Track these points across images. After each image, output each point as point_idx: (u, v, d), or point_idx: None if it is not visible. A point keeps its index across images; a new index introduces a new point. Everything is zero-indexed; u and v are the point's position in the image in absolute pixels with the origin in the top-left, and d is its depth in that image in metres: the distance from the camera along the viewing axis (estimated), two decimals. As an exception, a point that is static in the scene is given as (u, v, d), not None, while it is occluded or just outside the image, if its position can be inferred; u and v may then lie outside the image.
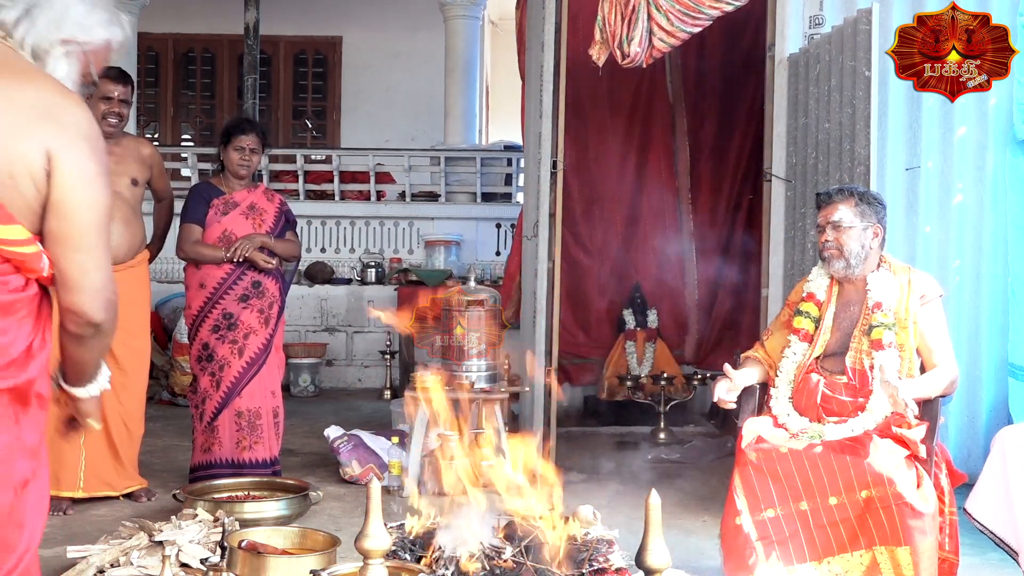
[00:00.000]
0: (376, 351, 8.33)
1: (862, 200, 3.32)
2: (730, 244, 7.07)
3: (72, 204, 1.73)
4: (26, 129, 1.70)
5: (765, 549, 3.01)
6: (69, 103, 1.76)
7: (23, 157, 1.69)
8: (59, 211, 1.73)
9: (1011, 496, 3.00)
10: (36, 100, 1.73)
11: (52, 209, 1.73)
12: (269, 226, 4.72)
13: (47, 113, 1.72)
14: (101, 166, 1.77)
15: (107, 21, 1.89)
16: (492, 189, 9.31)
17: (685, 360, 7.07)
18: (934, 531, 2.99)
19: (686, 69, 6.98)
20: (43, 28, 1.80)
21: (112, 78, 4.46)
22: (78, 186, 1.74)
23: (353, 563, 2.50)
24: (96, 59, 1.90)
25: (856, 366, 3.25)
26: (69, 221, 1.74)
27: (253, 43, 8.09)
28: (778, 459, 3.07)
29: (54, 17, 1.81)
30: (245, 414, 4.59)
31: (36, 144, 1.70)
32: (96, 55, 1.90)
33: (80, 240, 1.75)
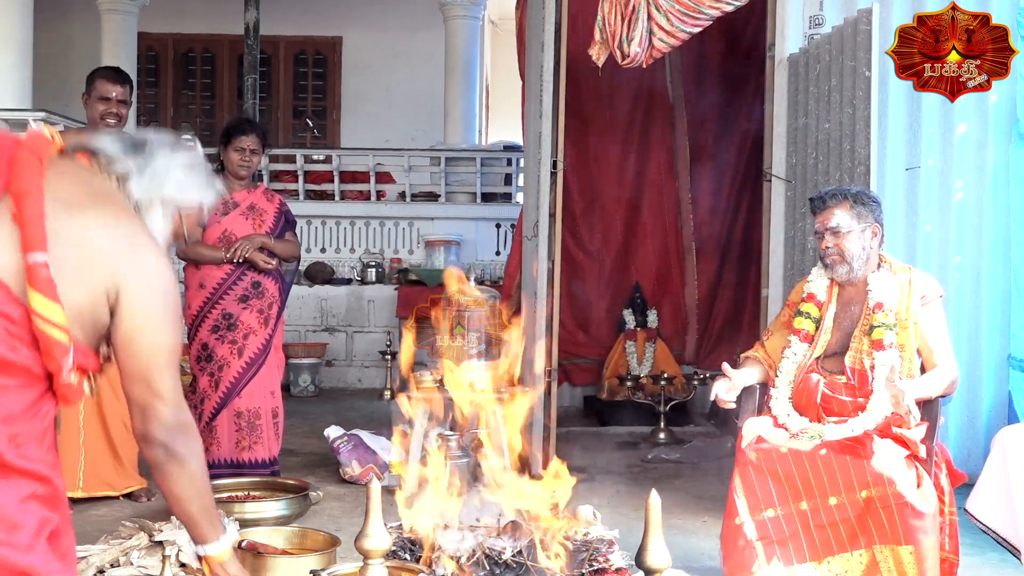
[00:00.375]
0: (376, 351, 8.32)
1: (857, 201, 3.30)
2: (730, 244, 7.07)
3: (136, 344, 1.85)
4: (98, 264, 1.80)
5: (765, 549, 3.01)
6: (148, 250, 1.87)
7: (89, 289, 1.80)
8: (126, 348, 1.85)
9: (1012, 495, 3.00)
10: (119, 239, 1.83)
11: (120, 345, 1.86)
12: (269, 226, 4.72)
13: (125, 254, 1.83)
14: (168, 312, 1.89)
15: (203, 185, 2.04)
16: (492, 189, 9.31)
17: (685, 360, 7.07)
18: (935, 531, 2.98)
19: (686, 69, 6.98)
20: (148, 185, 1.95)
21: (110, 78, 4.46)
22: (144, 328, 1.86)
23: (353, 563, 2.50)
24: (188, 219, 2.06)
25: (856, 366, 3.25)
26: (135, 358, 1.86)
27: (253, 43, 8.10)
28: (778, 459, 3.07)
29: (158, 177, 1.96)
30: (245, 414, 4.59)
31: (104, 281, 1.81)
32: (188, 216, 2.06)
33: (144, 373, 1.87)
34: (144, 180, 1.95)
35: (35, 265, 1.72)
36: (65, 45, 10.88)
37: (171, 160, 1.99)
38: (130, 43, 9.90)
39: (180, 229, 2.05)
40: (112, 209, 1.87)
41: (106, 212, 1.85)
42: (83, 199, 1.83)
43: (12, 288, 1.73)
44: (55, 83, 10.11)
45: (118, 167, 1.95)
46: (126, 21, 9.90)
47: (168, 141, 2.03)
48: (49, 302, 1.73)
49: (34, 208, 1.75)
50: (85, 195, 1.85)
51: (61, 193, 1.80)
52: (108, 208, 1.86)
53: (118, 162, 1.95)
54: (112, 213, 1.86)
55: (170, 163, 1.99)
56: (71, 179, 1.86)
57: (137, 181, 1.95)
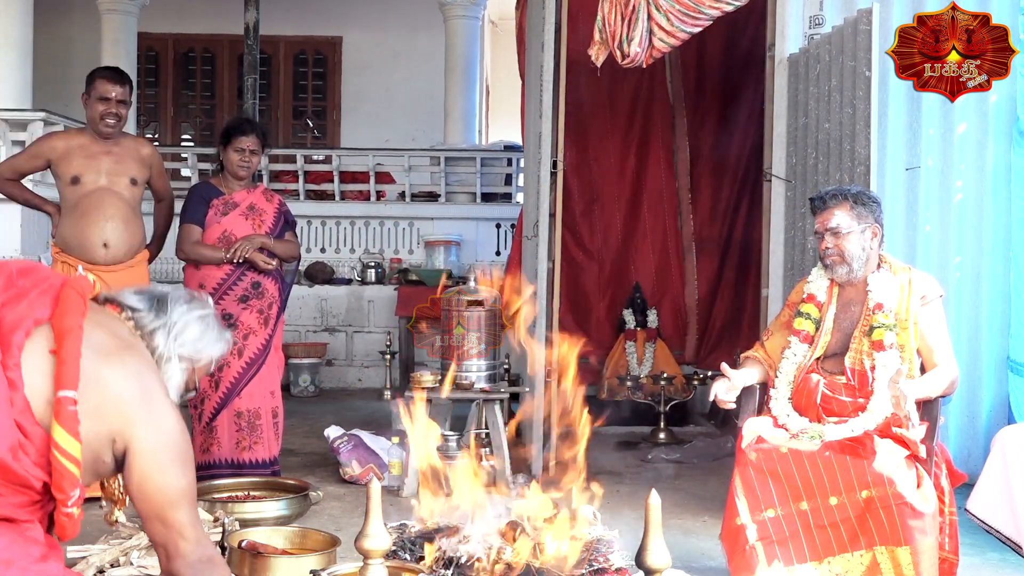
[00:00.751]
0: (376, 351, 8.33)
1: (857, 202, 3.30)
2: (730, 244, 7.07)
3: (149, 488, 2.00)
4: (111, 411, 1.96)
5: (766, 550, 3.01)
6: (160, 402, 2.02)
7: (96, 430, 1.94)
8: (140, 492, 2.00)
9: (1012, 493, 3.01)
10: (135, 389, 1.99)
11: (134, 490, 2.00)
12: (268, 227, 4.72)
13: (137, 404, 1.98)
14: (178, 457, 2.02)
15: (216, 340, 2.23)
16: (492, 189, 9.31)
17: (685, 360, 7.07)
18: (934, 531, 2.98)
19: (686, 69, 6.98)
20: (169, 341, 2.14)
21: (110, 78, 4.46)
22: (155, 473, 1.99)
23: (353, 563, 2.50)
24: (199, 371, 2.23)
25: (856, 367, 3.25)
26: (149, 501, 2.00)
27: (253, 43, 8.09)
28: (778, 459, 3.07)
29: (177, 334, 2.15)
30: (245, 414, 4.59)
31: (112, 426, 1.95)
32: (200, 370, 2.23)
33: (160, 514, 2.01)
34: (165, 335, 2.14)
35: (64, 400, 1.88)
36: (65, 45, 10.88)
37: (189, 316, 2.18)
38: (130, 43, 9.90)
39: (192, 380, 2.22)
40: (134, 360, 2.03)
41: (129, 363, 2.01)
42: (111, 348, 2.00)
43: (36, 412, 1.89)
44: (55, 83, 10.11)
45: (144, 321, 2.14)
46: (126, 21, 9.90)
47: (185, 297, 2.23)
48: (70, 437, 1.89)
49: (73, 348, 1.91)
50: (113, 344, 2.02)
51: (94, 339, 1.97)
52: (131, 359, 2.03)
53: (144, 316, 2.14)
54: (134, 364, 2.02)
55: (188, 319, 2.18)
56: (104, 327, 2.03)
57: (160, 336, 2.14)
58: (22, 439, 1.88)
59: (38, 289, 2.00)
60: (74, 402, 1.87)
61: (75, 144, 4.46)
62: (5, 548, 1.89)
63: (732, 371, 3.36)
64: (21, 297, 1.97)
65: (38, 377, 1.90)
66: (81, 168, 4.40)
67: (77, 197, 4.40)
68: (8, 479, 1.90)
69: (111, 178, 4.45)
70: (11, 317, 1.93)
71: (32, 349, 1.92)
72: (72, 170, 4.41)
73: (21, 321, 1.93)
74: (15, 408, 1.88)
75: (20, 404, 1.88)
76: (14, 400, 1.88)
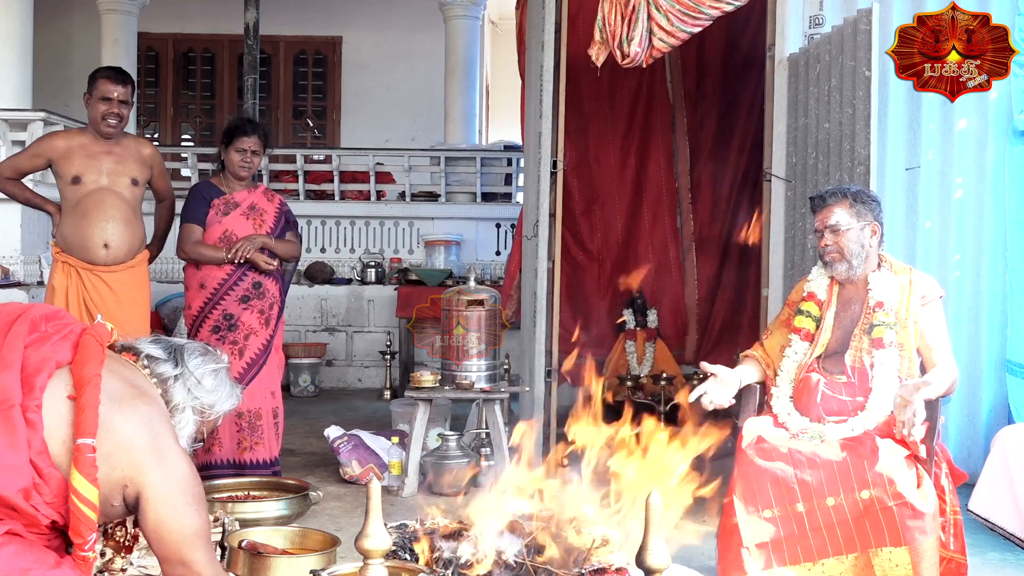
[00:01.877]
0: (376, 351, 8.33)
1: (856, 200, 3.31)
2: (730, 244, 7.07)
3: (165, 532, 2.03)
4: (124, 458, 2.00)
5: (760, 550, 3.01)
6: (170, 450, 2.06)
7: (108, 476, 1.98)
8: (156, 536, 2.03)
9: (1015, 490, 3.01)
10: (146, 436, 2.03)
11: (150, 535, 2.04)
12: (269, 227, 4.72)
13: (148, 452, 2.02)
14: (190, 501, 2.06)
15: (228, 395, 2.28)
16: (492, 189, 9.31)
17: (685, 360, 7.07)
18: (934, 531, 2.99)
19: (686, 69, 6.99)
20: (184, 392, 2.19)
21: (112, 78, 4.46)
22: (169, 516, 2.03)
23: (353, 563, 2.50)
24: (208, 426, 2.27)
25: (856, 365, 3.25)
26: (165, 544, 2.04)
27: (253, 43, 8.09)
28: (777, 459, 3.07)
29: (192, 386, 2.20)
30: (246, 415, 4.59)
31: (124, 473, 2.00)
32: (209, 424, 2.27)
33: (177, 555, 2.04)
34: (182, 386, 2.19)
35: (83, 447, 1.92)
36: (65, 45, 10.89)
37: (204, 368, 2.23)
38: (130, 43, 9.90)
39: (202, 431, 2.26)
40: (147, 408, 2.08)
41: (142, 410, 2.05)
42: (126, 396, 2.04)
43: (53, 455, 1.94)
44: (55, 83, 10.11)
45: (160, 369, 2.18)
46: (126, 21, 9.89)
47: (200, 350, 2.27)
48: (88, 484, 1.93)
49: (93, 396, 1.96)
50: (128, 392, 2.06)
51: (110, 387, 2.01)
52: (144, 407, 2.07)
53: (160, 365, 2.19)
54: (147, 411, 2.06)
55: (204, 371, 2.23)
56: (120, 376, 2.08)
57: (175, 385, 2.18)
58: (37, 479, 1.93)
59: (60, 334, 2.07)
60: (93, 449, 1.92)
61: (76, 144, 4.46)
62: (19, 555, 1.92)
63: (717, 367, 3.36)
64: (44, 341, 2.04)
65: (56, 420, 1.95)
66: (82, 168, 4.40)
67: (78, 197, 4.40)
68: (15, 517, 1.95)
69: (112, 178, 4.45)
70: (35, 359, 1.99)
71: (51, 393, 1.97)
72: (73, 170, 4.41)
73: (44, 364, 1.99)
74: (32, 449, 1.92)
75: (38, 446, 1.93)
76: (32, 441, 1.93)
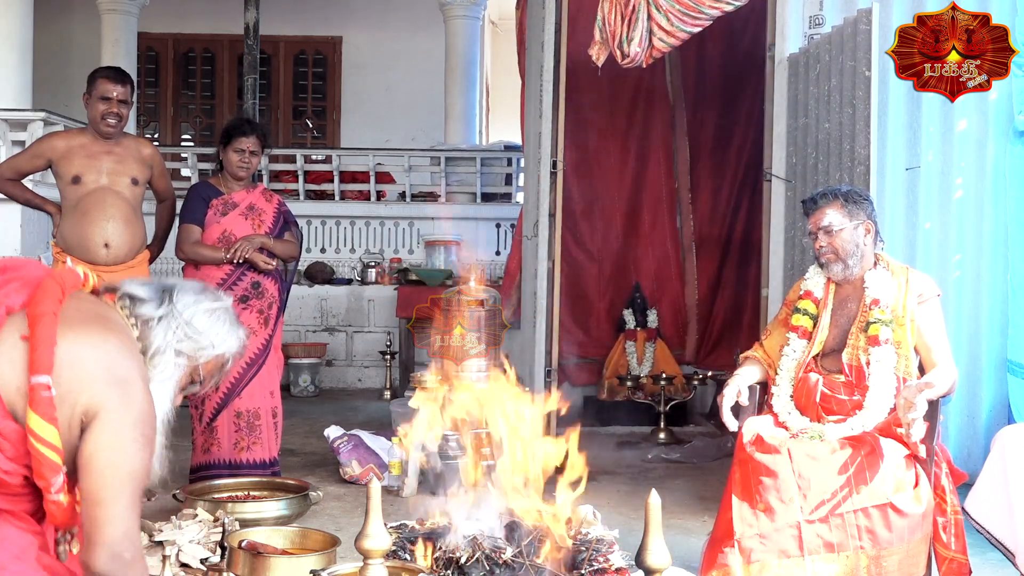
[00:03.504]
0: (376, 351, 8.33)
1: (848, 200, 3.32)
2: (730, 244, 7.07)
3: (96, 463, 1.84)
4: (83, 388, 1.84)
5: (755, 547, 3.00)
6: (134, 384, 1.90)
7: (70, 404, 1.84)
8: (87, 467, 1.84)
9: (1010, 496, 3.00)
10: (107, 367, 1.87)
11: (82, 465, 1.85)
12: (268, 227, 4.72)
13: (108, 383, 1.86)
14: (137, 442, 1.88)
15: (225, 335, 2.10)
16: (492, 189, 9.31)
17: (685, 360, 7.07)
18: (921, 530, 3.00)
19: (686, 69, 6.99)
20: (165, 333, 2.01)
21: (111, 78, 4.46)
22: (106, 448, 1.85)
23: (353, 563, 2.50)
24: (207, 369, 2.11)
25: (853, 363, 3.25)
26: (92, 476, 1.84)
27: (253, 43, 8.09)
28: (776, 458, 3.07)
29: (178, 327, 2.02)
30: (244, 415, 4.59)
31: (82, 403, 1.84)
32: (207, 366, 2.10)
33: (99, 494, 1.84)
34: (164, 327, 2.01)
35: (38, 386, 1.80)
36: (65, 45, 10.89)
37: (195, 308, 2.05)
38: (130, 43, 9.90)
39: (196, 377, 2.10)
40: (114, 339, 1.92)
41: (108, 341, 1.90)
42: (87, 329, 1.89)
43: (9, 404, 1.81)
44: (55, 83, 10.11)
45: (141, 310, 2.02)
46: (126, 21, 9.90)
47: (195, 289, 2.10)
48: (47, 424, 1.80)
49: (46, 333, 1.83)
50: (92, 323, 1.91)
51: (70, 321, 1.87)
52: (112, 338, 1.91)
53: (143, 306, 2.02)
54: (112, 343, 1.90)
55: (195, 312, 2.05)
56: (84, 312, 1.93)
57: (158, 326, 2.01)
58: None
59: (18, 282, 1.94)
60: (48, 387, 1.80)
61: (76, 144, 4.46)
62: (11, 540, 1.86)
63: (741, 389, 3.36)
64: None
65: (8, 367, 1.83)
66: (82, 168, 4.40)
67: (78, 197, 4.40)
68: None
69: (112, 178, 4.45)
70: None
71: (2, 339, 1.85)
72: (73, 170, 4.41)
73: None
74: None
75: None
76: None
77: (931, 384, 3.01)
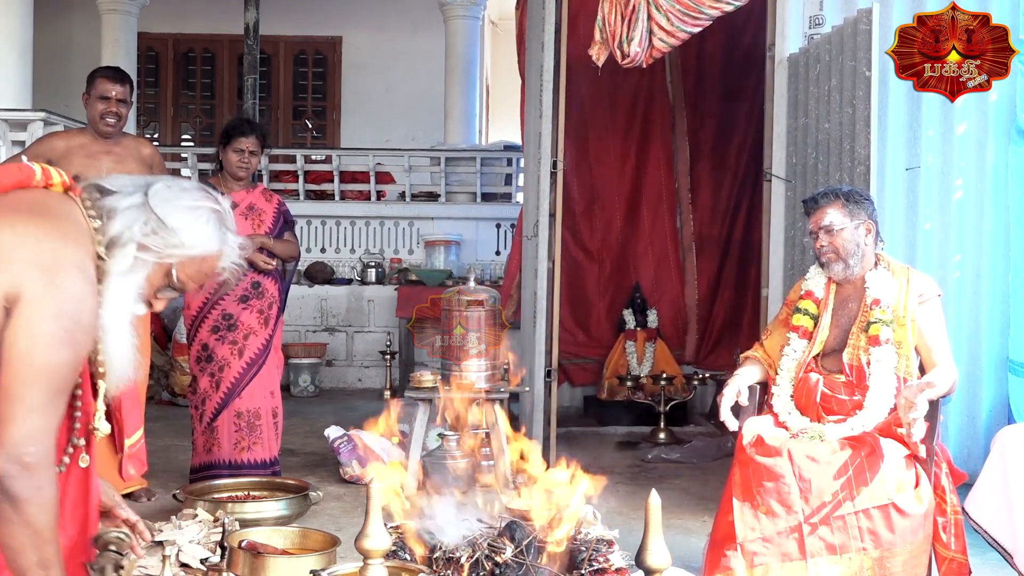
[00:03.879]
0: (376, 351, 8.32)
1: (849, 199, 3.32)
2: (730, 244, 7.08)
3: (11, 352, 1.69)
4: (8, 270, 1.70)
5: (755, 549, 3.00)
6: (67, 271, 1.74)
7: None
8: (2, 358, 1.70)
9: (1010, 497, 3.00)
10: (38, 251, 1.73)
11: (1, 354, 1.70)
12: (268, 227, 4.72)
13: (36, 267, 1.71)
14: (59, 334, 1.71)
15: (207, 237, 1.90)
16: (492, 189, 9.31)
17: (685, 360, 7.07)
18: (924, 530, 3.00)
19: (686, 69, 6.99)
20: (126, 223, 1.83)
21: (110, 77, 4.47)
22: (24, 339, 1.70)
23: (353, 563, 2.50)
24: (186, 273, 1.91)
25: (854, 363, 3.25)
26: (6, 367, 1.69)
27: (253, 43, 8.09)
28: (777, 459, 3.07)
29: (146, 220, 1.84)
30: (244, 415, 4.59)
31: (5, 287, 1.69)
32: (185, 269, 1.90)
33: (7, 388, 1.68)
34: (126, 218, 1.84)
35: None
36: (65, 45, 10.89)
37: (175, 203, 1.88)
38: (130, 43, 9.90)
39: (172, 280, 1.91)
40: (48, 225, 1.76)
41: (37, 226, 1.75)
42: (18, 213, 1.76)
43: None
44: (55, 83, 10.11)
45: (106, 202, 1.85)
46: (126, 21, 9.90)
47: (181, 186, 1.93)
48: None
49: None
50: (25, 211, 1.77)
51: (6, 210, 1.75)
52: (43, 223, 1.76)
53: (110, 197, 1.85)
54: (45, 229, 1.75)
55: (172, 207, 1.87)
56: (23, 200, 1.79)
57: (119, 217, 1.83)
58: None
59: None
60: None
61: (76, 144, 4.46)
62: None
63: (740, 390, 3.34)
64: None
65: None
66: (82, 168, 4.40)
67: (77, 197, 4.40)
68: None
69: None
70: None
71: None
72: (73, 170, 4.38)
73: None
74: None
75: None
76: None
77: (932, 384, 3.01)
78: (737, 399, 3.30)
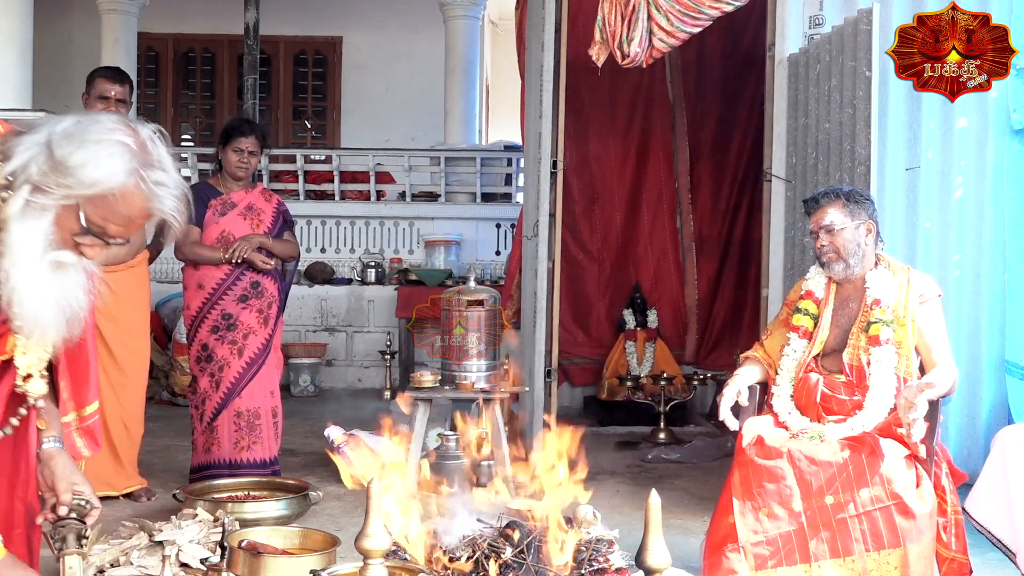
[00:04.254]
0: (376, 351, 8.32)
1: (849, 199, 3.32)
2: (729, 244, 7.08)
3: None
4: None
5: (755, 551, 3.00)
6: None
7: None
8: None
9: (1010, 496, 3.00)
10: None
11: None
12: (267, 226, 4.72)
13: None
14: None
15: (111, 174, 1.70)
16: (492, 189, 9.31)
17: (685, 360, 7.07)
18: (930, 530, 2.99)
19: (686, 69, 6.99)
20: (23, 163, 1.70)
21: (109, 77, 4.47)
22: None
23: (353, 563, 2.50)
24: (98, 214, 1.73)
25: (854, 363, 3.25)
26: None
27: (253, 43, 8.09)
28: (777, 459, 3.07)
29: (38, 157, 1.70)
30: (244, 414, 4.59)
31: None
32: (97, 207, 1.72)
33: None
34: (21, 158, 1.69)
35: None
36: (65, 45, 10.89)
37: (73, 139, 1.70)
38: (130, 43, 9.90)
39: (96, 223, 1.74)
40: None
41: None
42: None
43: None
44: (55, 83, 10.10)
45: (11, 142, 1.72)
46: (126, 21, 9.90)
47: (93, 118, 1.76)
48: None
49: None
50: None
51: None
52: None
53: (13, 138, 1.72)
54: None
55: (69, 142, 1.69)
56: None
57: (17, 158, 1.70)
58: None
59: None
60: None
61: (75, 144, 4.46)
62: None
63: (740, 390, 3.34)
64: None
65: None
66: (81, 168, 4.40)
67: (77, 197, 4.39)
68: None
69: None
70: None
71: None
72: (72, 170, 4.41)
73: None
74: None
75: None
76: None
77: (932, 384, 3.01)
78: (737, 399, 3.30)
